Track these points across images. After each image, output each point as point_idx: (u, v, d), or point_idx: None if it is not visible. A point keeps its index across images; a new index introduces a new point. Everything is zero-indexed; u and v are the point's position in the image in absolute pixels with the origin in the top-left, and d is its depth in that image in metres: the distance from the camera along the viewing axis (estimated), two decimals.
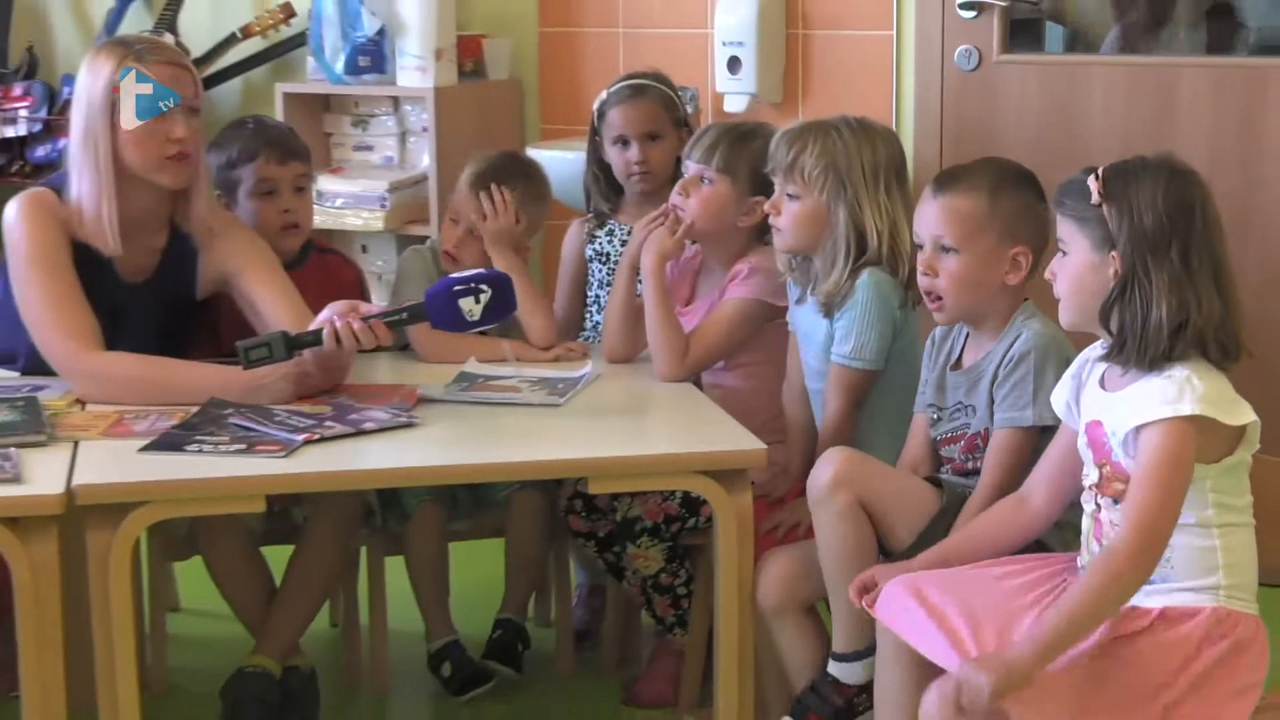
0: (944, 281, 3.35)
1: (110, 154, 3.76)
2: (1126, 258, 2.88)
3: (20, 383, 3.86)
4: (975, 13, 4.97)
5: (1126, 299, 2.89)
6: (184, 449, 3.41)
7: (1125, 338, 2.90)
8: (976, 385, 3.42)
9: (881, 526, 3.37)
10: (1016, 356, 3.34)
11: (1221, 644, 2.89)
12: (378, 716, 4.18)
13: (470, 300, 3.59)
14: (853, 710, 3.41)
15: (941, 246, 3.35)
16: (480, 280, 3.60)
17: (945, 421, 3.49)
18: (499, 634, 4.14)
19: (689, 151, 4.02)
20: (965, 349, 3.49)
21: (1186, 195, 2.91)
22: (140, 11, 5.96)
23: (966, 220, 3.34)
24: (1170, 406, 2.83)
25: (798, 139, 3.72)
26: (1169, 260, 2.87)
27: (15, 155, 5.82)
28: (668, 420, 3.80)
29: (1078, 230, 2.96)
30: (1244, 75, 4.72)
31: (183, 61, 3.87)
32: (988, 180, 3.37)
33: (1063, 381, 3.15)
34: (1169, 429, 2.83)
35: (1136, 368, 2.91)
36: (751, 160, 3.94)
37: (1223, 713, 2.89)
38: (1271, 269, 4.63)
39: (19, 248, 3.78)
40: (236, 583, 4.01)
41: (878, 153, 3.71)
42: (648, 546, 3.91)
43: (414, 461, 3.47)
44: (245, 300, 3.93)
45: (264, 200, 4.15)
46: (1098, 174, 2.93)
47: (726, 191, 3.96)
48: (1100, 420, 2.99)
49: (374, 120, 5.58)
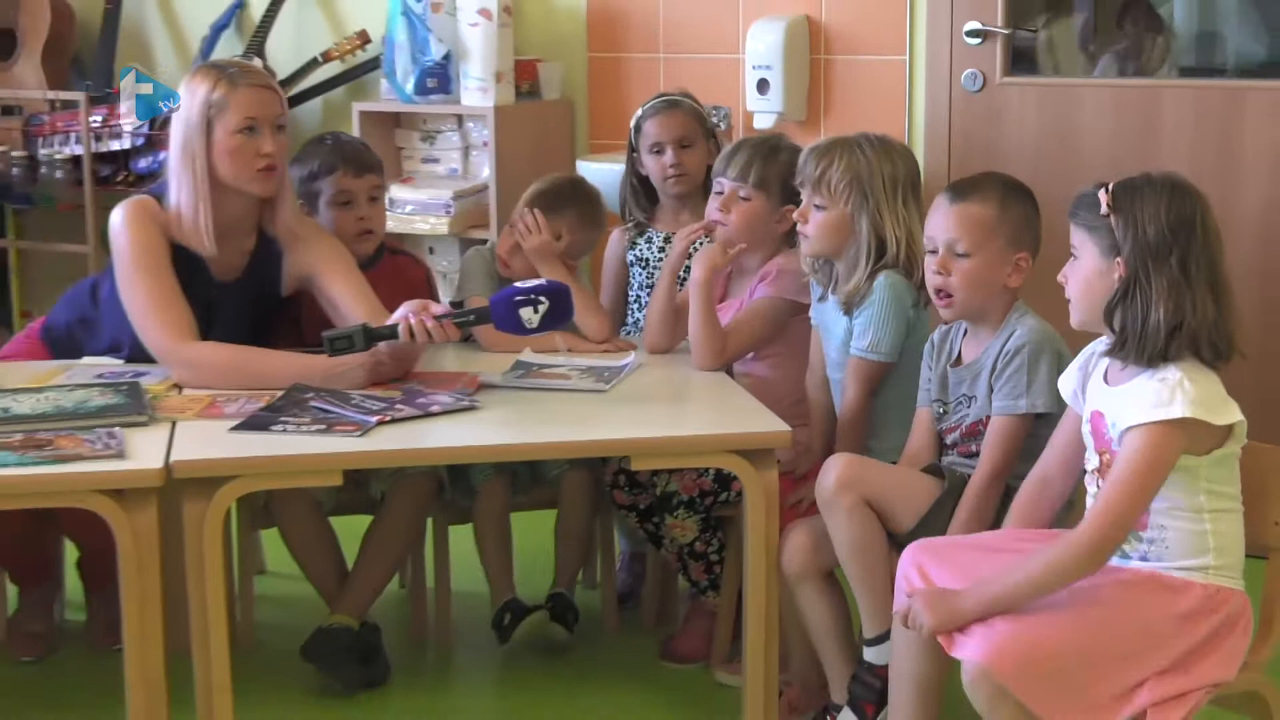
0: (956, 281, 3.35)
1: (206, 166, 3.77)
2: (1130, 264, 2.87)
3: (124, 369, 3.88)
4: (980, 39, 4.95)
5: (1128, 301, 2.88)
6: (270, 429, 3.42)
7: (1126, 336, 2.89)
8: (977, 378, 3.41)
9: (885, 517, 3.38)
10: (1013, 350, 3.34)
11: (1213, 618, 2.89)
12: (443, 668, 4.18)
13: (530, 310, 3.60)
14: None
15: (955, 251, 3.34)
16: (540, 292, 3.62)
17: (950, 415, 3.48)
18: (551, 606, 4.14)
19: (723, 170, 4.00)
20: (963, 347, 3.49)
21: (1187, 210, 2.90)
22: (232, 38, 5.97)
23: (980, 227, 3.34)
24: (1161, 410, 2.82)
25: (825, 155, 3.71)
26: (1168, 267, 2.86)
27: (120, 166, 5.83)
28: (702, 405, 3.80)
29: (1088, 238, 2.95)
30: (1221, 95, 4.70)
31: (270, 84, 3.88)
32: (997, 192, 3.38)
33: (1070, 370, 3.14)
34: (1153, 434, 2.83)
35: (1135, 364, 2.90)
36: (781, 173, 3.94)
37: (1212, 674, 2.88)
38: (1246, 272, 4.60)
39: (124, 250, 3.80)
40: (307, 549, 4.04)
41: (897, 168, 3.71)
42: (684, 518, 3.91)
43: (474, 441, 3.47)
44: (325, 297, 3.94)
45: (341, 209, 4.15)
46: (1108, 188, 2.93)
47: (762, 205, 3.96)
48: (1102, 412, 2.98)
49: (440, 136, 5.58)
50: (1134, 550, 2.95)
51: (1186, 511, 2.90)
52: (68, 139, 5.83)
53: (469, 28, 5.34)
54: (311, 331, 4.05)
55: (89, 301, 4.03)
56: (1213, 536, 2.92)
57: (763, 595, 3.47)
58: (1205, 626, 2.88)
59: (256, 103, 3.78)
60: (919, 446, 3.55)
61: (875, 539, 3.37)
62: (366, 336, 3.61)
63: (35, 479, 3.18)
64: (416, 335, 3.62)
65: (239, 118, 3.76)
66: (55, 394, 3.59)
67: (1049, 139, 4.90)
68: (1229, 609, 2.91)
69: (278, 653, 4.11)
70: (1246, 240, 4.60)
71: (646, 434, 3.52)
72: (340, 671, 3.87)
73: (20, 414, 3.44)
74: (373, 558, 4.00)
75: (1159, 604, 2.88)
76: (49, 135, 5.87)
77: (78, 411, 3.46)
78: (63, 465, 3.21)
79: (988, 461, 3.35)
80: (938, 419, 3.52)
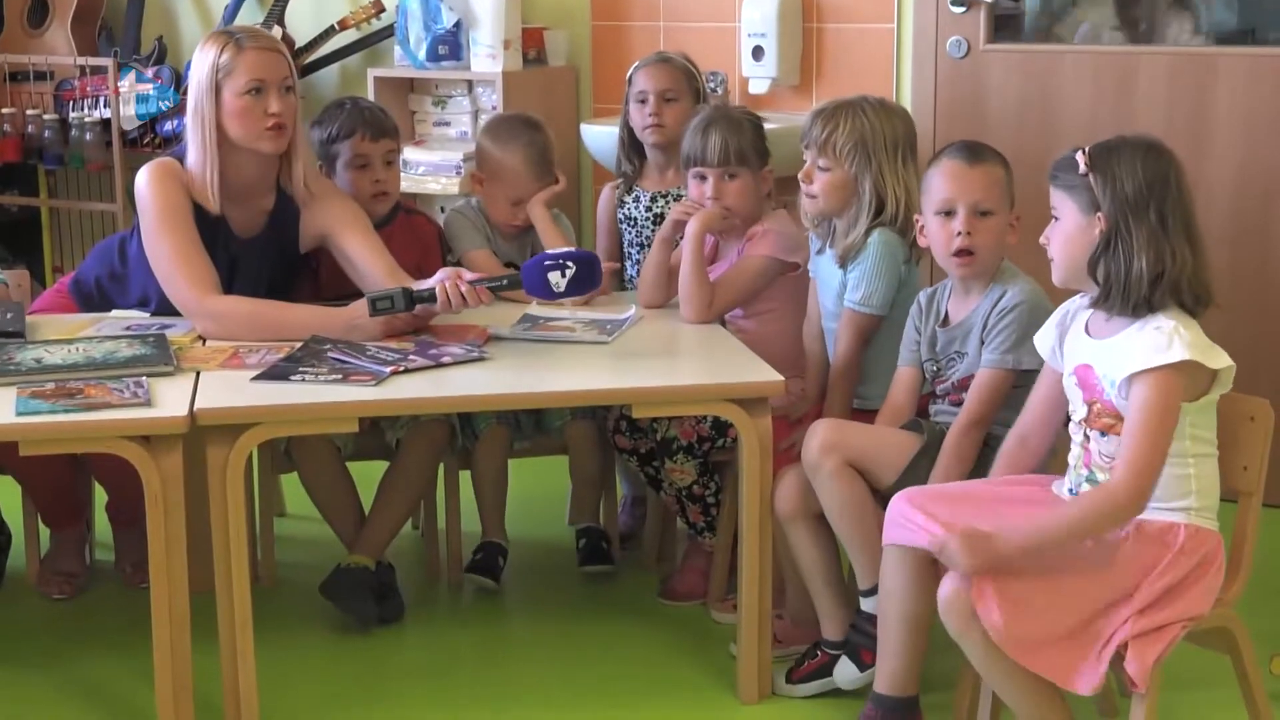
0: (981, 240, 3.34)
1: (215, 127, 3.76)
2: (1110, 217, 2.88)
3: (151, 322, 3.87)
4: (965, 8, 4.92)
5: (1111, 252, 2.88)
6: (289, 378, 3.41)
7: (1110, 286, 2.89)
8: (969, 335, 3.40)
9: (868, 474, 3.38)
10: (1007, 307, 3.33)
11: (1193, 557, 2.90)
12: (453, 605, 4.18)
13: (557, 274, 3.61)
14: None
15: (979, 210, 3.33)
16: (569, 258, 3.62)
17: (943, 372, 3.48)
18: (584, 543, 4.17)
19: (701, 157, 3.91)
20: (950, 307, 3.47)
21: (1161, 165, 2.91)
22: (253, 6, 5.94)
23: (999, 186, 3.36)
24: (1162, 354, 2.82)
25: (830, 118, 3.69)
26: (1147, 219, 2.87)
27: (147, 129, 5.81)
28: (700, 356, 3.78)
29: (1067, 197, 2.95)
30: (1194, 61, 4.67)
31: (277, 47, 3.85)
32: (997, 155, 3.40)
33: (1046, 328, 3.13)
34: (1160, 379, 2.83)
35: (1120, 314, 2.90)
36: (753, 141, 3.93)
37: (1188, 609, 2.88)
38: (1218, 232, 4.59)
39: (148, 209, 3.78)
40: (326, 492, 4.03)
41: (897, 129, 3.69)
42: (683, 462, 3.90)
43: (484, 389, 3.46)
44: (341, 254, 3.92)
45: (359, 172, 4.14)
46: (1085, 150, 2.93)
47: (749, 177, 3.93)
48: (1090, 364, 2.97)
49: (451, 100, 5.55)
50: None
51: (1173, 455, 2.89)
52: (97, 103, 5.81)
53: None
54: (329, 286, 4.05)
55: (117, 258, 4.01)
56: (1195, 480, 2.93)
57: (756, 536, 3.46)
58: (1185, 565, 2.89)
59: (262, 64, 3.76)
60: (899, 404, 3.54)
61: (861, 498, 3.37)
62: (407, 299, 3.62)
63: (66, 426, 3.18)
64: (453, 301, 3.62)
65: (245, 79, 3.73)
66: (85, 345, 3.58)
67: (1030, 102, 4.87)
68: (1206, 549, 2.91)
69: (297, 591, 4.11)
70: (1219, 201, 4.59)
71: (648, 383, 3.51)
72: (357, 609, 3.87)
73: (52, 364, 3.44)
74: (388, 501, 3.99)
75: (1143, 552, 2.88)
76: (79, 99, 5.85)
77: (107, 362, 3.45)
78: (92, 413, 3.20)
79: (968, 410, 3.34)
80: (930, 378, 3.50)
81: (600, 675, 3.72)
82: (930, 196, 3.39)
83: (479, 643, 3.97)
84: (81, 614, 4.06)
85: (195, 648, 3.32)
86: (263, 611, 3.44)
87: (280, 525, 4.41)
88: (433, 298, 3.63)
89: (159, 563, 3.24)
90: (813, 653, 3.55)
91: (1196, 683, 3.41)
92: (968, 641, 2.88)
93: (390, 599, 3.96)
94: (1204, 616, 2.91)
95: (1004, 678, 2.90)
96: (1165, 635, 2.85)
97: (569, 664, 3.78)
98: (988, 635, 2.82)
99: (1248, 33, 4.84)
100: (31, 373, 3.40)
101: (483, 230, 4.23)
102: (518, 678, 3.74)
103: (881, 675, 3.25)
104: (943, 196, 3.36)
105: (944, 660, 3.31)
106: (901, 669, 3.22)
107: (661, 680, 3.68)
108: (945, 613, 2.88)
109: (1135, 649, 2.81)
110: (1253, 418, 3.03)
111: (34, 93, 5.92)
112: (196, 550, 3.31)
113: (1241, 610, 3.04)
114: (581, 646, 3.86)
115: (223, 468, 3.25)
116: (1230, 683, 3.10)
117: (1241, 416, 3.03)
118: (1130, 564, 2.87)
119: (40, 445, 3.22)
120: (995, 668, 2.89)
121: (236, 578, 3.30)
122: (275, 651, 3.67)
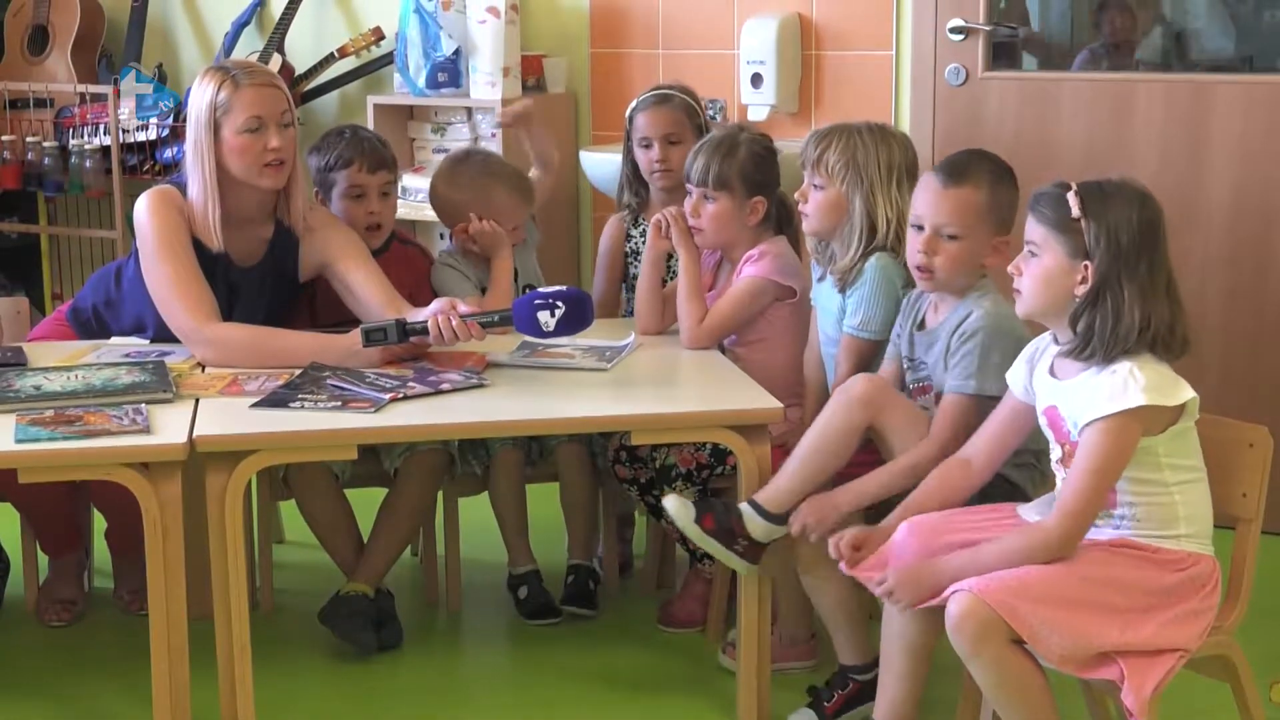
0: (940, 261, 3.31)
1: (214, 163, 3.76)
2: (1101, 269, 2.85)
3: (150, 349, 3.87)
4: (963, 36, 4.93)
5: (1098, 306, 2.86)
6: (288, 405, 3.41)
7: (1092, 337, 2.87)
8: (932, 347, 3.40)
9: (883, 446, 3.37)
10: (968, 332, 3.31)
11: (1181, 575, 2.89)
12: (453, 630, 4.17)
13: (547, 314, 3.58)
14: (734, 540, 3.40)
15: (943, 233, 3.31)
16: (559, 297, 3.59)
17: (913, 371, 3.48)
18: (572, 580, 4.15)
19: (688, 174, 3.95)
20: (928, 311, 3.47)
21: (1153, 216, 2.89)
22: (252, 34, 5.95)
23: (971, 212, 3.31)
24: (1116, 401, 2.82)
25: (824, 139, 3.70)
26: (1138, 273, 2.85)
27: (146, 156, 5.81)
28: (699, 383, 3.78)
29: (1051, 236, 2.91)
30: (1190, 89, 4.68)
31: (274, 82, 3.85)
32: (988, 176, 3.34)
33: (1019, 362, 3.11)
34: (1111, 426, 2.83)
35: (1096, 365, 2.89)
36: (741, 168, 3.91)
37: (1180, 630, 2.87)
38: (1212, 256, 4.60)
39: (147, 237, 3.79)
40: (324, 520, 4.03)
41: (893, 153, 3.68)
42: (682, 490, 3.88)
43: (483, 417, 3.46)
44: (340, 283, 3.92)
45: (353, 202, 4.13)
46: (1074, 189, 2.90)
47: (728, 203, 3.92)
48: (1056, 406, 2.96)
49: (450, 127, 5.55)
50: (1106, 524, 2.94)
51: (1152, 486, 2.90)
52: (97, 130, 5.82)
53: (478, 24, 5.33)
54: (325, 313, 4.05)
55: (112, 284, 4.02)
56: (1180, 507, 2.92)
57: None
58: (1173, 581, 2.88)
59: (260, 101, 3.76)
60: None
61: (846, 449, 3.36)
62: (400, 331, 3.62)
63: (65, 453, 3.18)
64: (445, 335, 3.61)
65: (244, 117, 3.74)
66: (84, 372, 3.59)
67: (1027, 129, 4.88)
68: (1198, 569, 2.91)
69: (296, 618, 4.11)
70: (1216, 227, 4.59)
71: (647, 410, 3.51)
72: (356, 636, 3.86)
73: (51, 391, 3.44)
74: (387, 529, 3.99)
75: (1131, 562, 2.88)
76: (79, 126, 5.86)
77: (106, 389, 3.45)
78: (91, 440, 3.20)
79: (936, 439, 3.30)
80: (906, 373, 3.51)
81: (599, 702, 3.71)
82: (911, 205, 3.41)
83: (477, 670, 3.97)
84: (80, 641, 4.05)
85: (194, 675, 3.31)
86: (261, 638, 3.44)
87: (279, 552, 4.41)
88: (425, 330, 3.63)
89: (158, 590, 3.24)
90: (842, 682, 3.51)
91: (1196, 710, 3.41)
92: (979, 663, 2.84)
93: (389, 626, 3.95)
94: (1200, 642, 2.90)
95: (1012, 701, 2.87)
96: (1163, 664, 2.83)
97: (568, 690, 3.77)
98: (999, 657, 2.81)
99: (1245, 60, 4.86)
100: (31, 400, 3.39)
101: (471, 276, 4.21)
102: (516, 704, 3.74)
103: (881, 706, 3.23)
104: (915, 211, 3.37)
105: (938, 689, 3.31)
106: (901, 698, 3.20)
107: (660, 706, 3.67)
108: (955, 633, 2.83)
109: (1132, 678, 2.79)
110: (1251, 444, 3.02)
111: (34, 120, 5.92)
112: (195, 577, 3.31)
113: (1241, 637, 3.03)
114: (580, 672, 3.85)
115: (221, 495, 3.25)
116: (1230, 710, 3.08)
117: (1240, 443, 3.02)
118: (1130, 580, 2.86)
119: (39, 472, 3.22)
120: (1003, 690, 2.86)
121: (235, 605, 3.29)
122: (274, 678, 3.67)
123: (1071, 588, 2.83)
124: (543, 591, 4.12)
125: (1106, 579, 2.86)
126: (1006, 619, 2.78)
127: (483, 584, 4.30)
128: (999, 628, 2.79)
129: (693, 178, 3.93)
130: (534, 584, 4.12)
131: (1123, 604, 2.84)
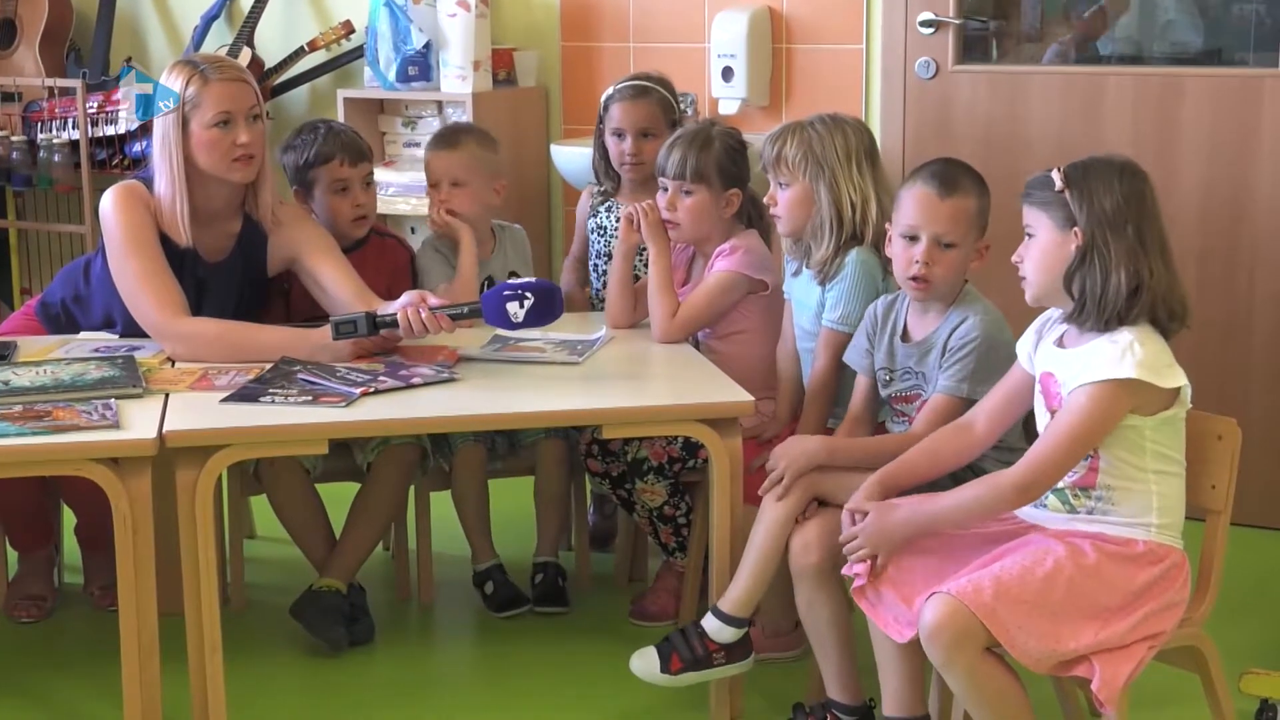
0: (939, 271, 3.33)
1: (183, 158, 3.76)
2: (1087, 232, 2.89)
3: (119, 344, 3.86)
4: (933, 29, 4.94)
5: (1087, 266, 2.89)
6: (259, 400, 3.41)
7: (1085, 300, 2.90)
8: (926, 356, 3.40)
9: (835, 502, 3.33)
10: (966, 336, 3.33)
11: (1152, 570, 2.90)
12: (425, 624, 4.18)
13: (516, 305, 3.57)
14: (711, 660, 3.39)
15: (942, 243, 3.32)
16: (527, 289, 3.59)
17: (896, 382, 3.47)
18: (540, 579, 4.15)
19: (663, 168, 3.95)
20: (909, 321, 3.47)
21: (1137, 183, 2.93)
22: (222, 28, 5.94)
23: (967, 220, 3.34)
24: (1109, 369, 2.84)
25: (779, 137, 3.72)
26: (1125, 235, 2.88)
27: (115, 150, 5.79)
28: (670, 377, 3.78)
29: (1042, 214, 2.96)
30: (1159, 81, 4.70)
31: (242, 76, 3.84)
32: (974, 185, 3.38)
33: (1028, 331, 3.12)
34: (1100, 392, 2.84)
35: (1094, 329, 2.91)
36: (717, 161, 3.92)
37: (1151, 623, 2.88)
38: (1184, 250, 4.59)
39: (114, 232, 3.78)
40: (295, 515, 4.03)
41: (849, 138, 3.70)
42: (653, 483, 3.89)
43: (454, 410, 3.46)
44: (310, 277, 3.92)
45: (339, 196, 4.13)
46: (1060, 168, 2.94)
47: (705, 196, 3.93)
48: (1052, 373, 2.98)
49: (421, 121, 5.55)
50: (1081, 506, 2.96)
51: (1134, 471, 2.91)
52: (65, 124, 5.79)
53: (448, 18, 5.32)
54: (299, 308, 4.04)
55: (81, 279, 4.00)
56: (1156, 497, 2.93)
57: (727, 556, 3.45)
58: (1144, 576, 2.89)
59: (229, 96, 3.75)
60: (860, 413, 3.55)
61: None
62: (370, 324, 3.62)
63: (34, 449, 3.17)
64: (414, 327, 3.61)
65: (213, 112, 3.74)
66: (54, 367, 3.57)
67: (998, 124, 4.89)
68: (1168, 563, 2.92)
69: (267, 613, 4.10)
70: (1185, 219, 4.60)
71: (618, 404, 3.51)
72: (328, 631, 3.86)
73: (20, 386, 3.43)
74: (359, 524, 3.99)
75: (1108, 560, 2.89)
76: (47, 120, 5.83)
77: (75, 384, 3.44)
78: (61, 435, 3.19)
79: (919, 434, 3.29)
80: (884, 385, 3.50)
81: (571, 696, 3.72)
82: (898, 217, 3.39)
83: (449, 664, 3.97)
84: (50, 637, 4.04)
85: (164, 671, 3.30)
86: (232, 634, 3.44)
87: (250, 547, 4.40)
88: (396, 323, 3.63)
89: (128, 585, 3.23)
90: (820, 714, 3.43)
91: (1166, 701, 3.43)
92: (953, 672, 2.83)
93: (361, 621, 3.95)
94: (1168, 634, 2.91)
95: (986, 706, 2.88)
96: (1133, 655, 2.84)
97: (541, 684, 3.77)
98: (973, 663, 2.81)
99: (1214, 54, 4.87)
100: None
101: (453, 260, 4.20)
102: (489, 698, 3.73)
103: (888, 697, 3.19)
104: (909, 222, 3.36)
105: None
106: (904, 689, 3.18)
107: (632, 702, 3.67)
108: (929, 641, 2.82)
109: (1104, 670, 2.80)
110: (1220, 436, 3.04)
111: (1, 114, 5.90)
112: (166, 573, 3.30)
113: (1210, 629, 3.05)
114: (552, 667, 3.85)
115: (192, 490, 3.24)
116: (1199, 701, 3.10)
117: (1209, 435, 3.04)
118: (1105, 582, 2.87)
119: (8, 468, 3.22)
120: (977, 695, 2.86)
121: (206, 600, 3.28)
122: (245, 674, 3.66)
123: (1050, 590, 2.84)
124: (508, 583, 4.13)
125: (1084, 581, 2.86)
126: (985, 622, 2.78)
127: (455, 579, 4.29)
128: (975, 635, 2.79)
129: (669, 172, 3.93)
130: (498, 577, 4.13)
131: (1100, 605, 2.85)
